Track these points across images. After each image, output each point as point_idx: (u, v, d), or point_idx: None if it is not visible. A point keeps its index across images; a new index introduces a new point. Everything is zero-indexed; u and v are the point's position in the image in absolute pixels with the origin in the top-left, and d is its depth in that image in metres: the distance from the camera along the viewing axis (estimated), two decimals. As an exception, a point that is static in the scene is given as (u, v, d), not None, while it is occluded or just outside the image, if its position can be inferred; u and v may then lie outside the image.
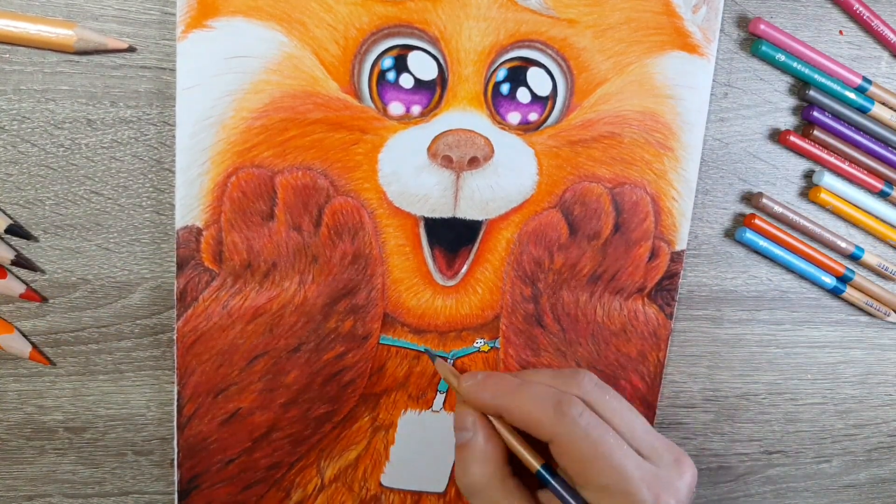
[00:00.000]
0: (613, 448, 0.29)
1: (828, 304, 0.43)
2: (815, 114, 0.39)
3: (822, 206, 0.40)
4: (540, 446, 0.31)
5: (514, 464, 0.32)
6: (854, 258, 0.41)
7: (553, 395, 0.30)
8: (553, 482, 0.30)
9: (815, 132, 0.39)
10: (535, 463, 0.31)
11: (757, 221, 0.39)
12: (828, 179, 0.40)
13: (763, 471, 0.44)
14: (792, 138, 0.39)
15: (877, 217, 0.41)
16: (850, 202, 0.40)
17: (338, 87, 0.33)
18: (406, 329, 0.37)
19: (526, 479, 0.32)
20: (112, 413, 0.37)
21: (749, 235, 0.39)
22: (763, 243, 0.40)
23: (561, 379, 0.32)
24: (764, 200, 0.39)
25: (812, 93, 0.38)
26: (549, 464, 0.31)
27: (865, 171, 0.40)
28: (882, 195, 0.41)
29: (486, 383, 0.32)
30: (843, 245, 0.41)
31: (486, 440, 0.31)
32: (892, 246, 0.42)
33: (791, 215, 0.40)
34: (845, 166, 0.40)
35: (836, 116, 0.39)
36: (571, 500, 0.30)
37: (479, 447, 0.31)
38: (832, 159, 0.39)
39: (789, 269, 0.41)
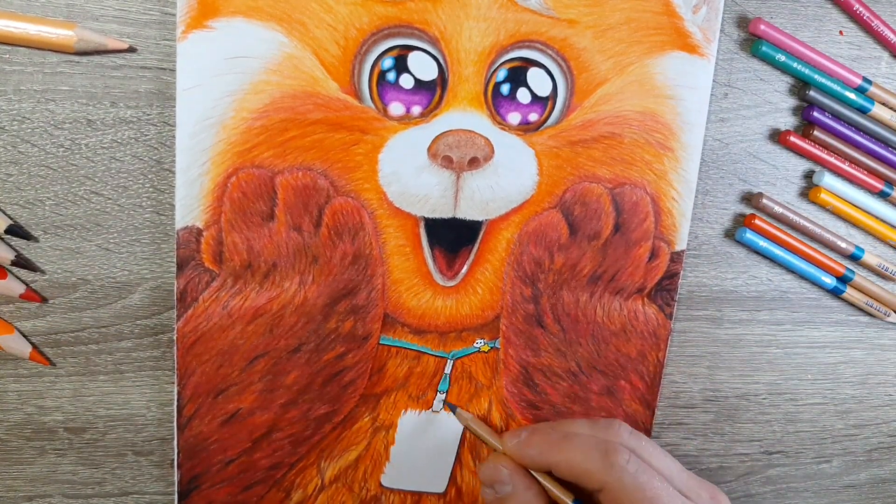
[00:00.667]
0: (662, 492, 0.30)
1: (828, 304, 0.43)
2: (816, 114, 0.39)
3: (822, 207, 0.40)
4: (583, 495, 0.32)
5: None
6: (854, 258, 0.41)
7: (599, 444, 0.31)
8: None
9: (816, 132, 0.39)
10: None
11: (757, 221, 0.39)
12: (828, 180, 0.40)
13: (763, 471, 0.44)
14: (792, 138, 0.39)
15: (877, 217, 0.41)
16: (850, 202, 0.40)
17: (338, 87, 0.33)
18: (406, 329, 0.37)
19: None
20: (112, 413, 0.37)
21: (749, 235, 0.39)
22: (763, 243, 0.40)
23: (598, 428, 0.33)
24: (764, 201, 0.39)
25: (812, 93, 0.38)
26: None
27: (865, 172, 0.40)
28: (882, 195, 0.41)
29: (531, 441, 0.33)
30: (843, 245, 0.41)
31: (527, 489, 0.32)
32: (892, 246, 0.42)
33: (791, 215, 0.40)
34: (845, 166, 0.40)
35: (836, 116, 0.39)
36: None
37: (519, 497, 0.32)
38: (832, 159, 0.39)
39: (789, 269, 0.41)
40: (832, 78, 0.38)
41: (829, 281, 0.41)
